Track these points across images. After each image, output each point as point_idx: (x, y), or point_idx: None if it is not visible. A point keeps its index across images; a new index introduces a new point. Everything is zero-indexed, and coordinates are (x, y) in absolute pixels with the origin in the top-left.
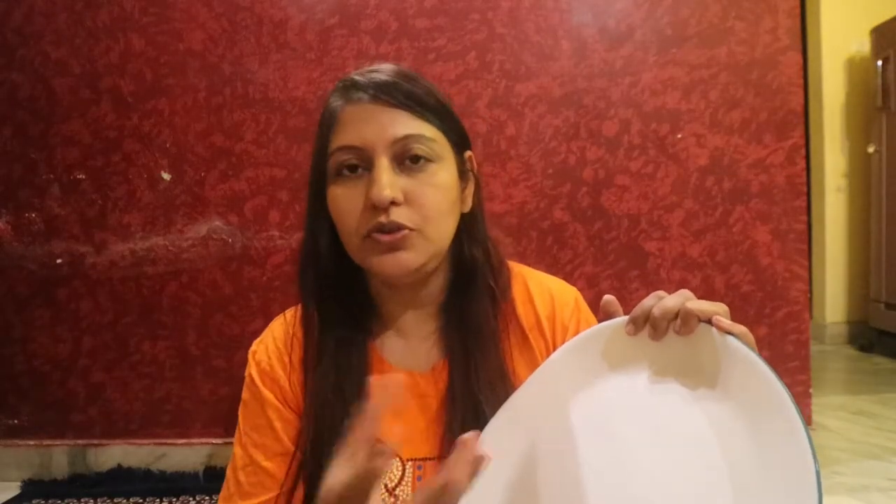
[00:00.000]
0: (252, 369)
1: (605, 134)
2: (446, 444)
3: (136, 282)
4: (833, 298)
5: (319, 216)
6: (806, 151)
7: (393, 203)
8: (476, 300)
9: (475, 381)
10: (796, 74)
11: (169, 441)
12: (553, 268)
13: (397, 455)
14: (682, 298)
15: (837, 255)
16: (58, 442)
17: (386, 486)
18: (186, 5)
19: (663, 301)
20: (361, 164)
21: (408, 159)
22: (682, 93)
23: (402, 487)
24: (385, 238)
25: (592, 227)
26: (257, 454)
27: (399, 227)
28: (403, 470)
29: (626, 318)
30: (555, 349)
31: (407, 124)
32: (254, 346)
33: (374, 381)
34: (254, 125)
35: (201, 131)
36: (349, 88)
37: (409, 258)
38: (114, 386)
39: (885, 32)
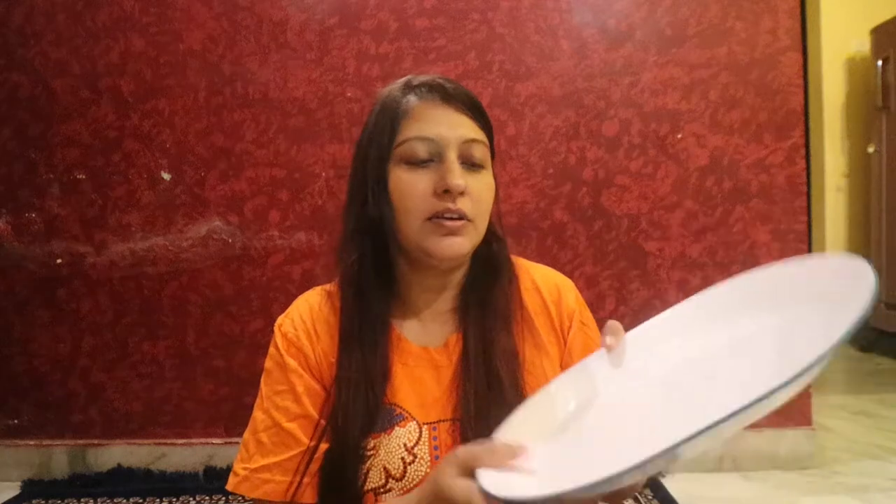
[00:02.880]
0: (278, 339)
1: (605, 134)
2: (460, 408)
3: (136, 282)
4: None
5: (368, 199)
6: (806, 151)
7: (461, 193)
8: (495, 284)
9: (490, 351)
10: (796, 74)
11: (169, 441)
12: (553, 268)
13: (414, 418)
14: None
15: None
16: (58, 442)
17: (405, 445)
18: (186, 5)
19: None
20: (433, 155)
21: (469, 160)
22: (682, 93)
23: (419, 447)
24: (449, 224)
25: (592, 227)
26: (279, 416)
27: (461, 216)
28: (420, 432)
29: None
30: (562, 331)
31: (473, 129)
32: (279, 320)
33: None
34: (254, 125)
35: (201, 131)
36: (418, 87)
37: (464, 244)
38: (114, 386)
39: (885, 32)
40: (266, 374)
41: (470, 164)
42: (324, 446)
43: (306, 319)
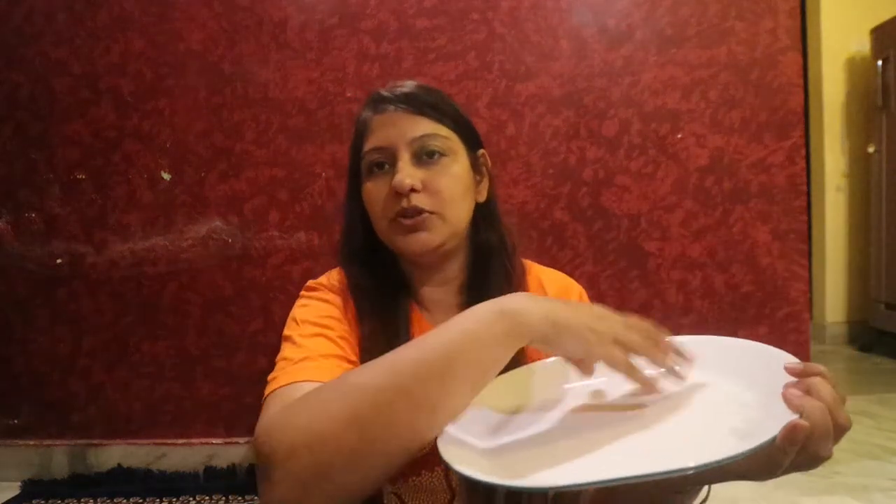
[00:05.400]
0: (315, 284)
1: (605, 134)
2: None
3: (136, 282)
4: (833, 298)
5: (355, 211)
6: (806, 151)
7: (413, 190)
8: (492, 279)
9: None
10: (796, 74)
11: (169, 441)
12: (553, 268)
13: None
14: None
15: (837, 255)
16: (58, 442)
17: None
18: (186, 5)
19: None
20: (388, 161)
21: (425, 154)
22: (682, 93)
23: None
24: (408, 221)
25: (592, 227)
26: (325, 331)
27: (419, 211)
28: None
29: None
30: None
31: (424, 126)
32: (312, 282)
33: None
34: (254, 125)
35: (201, 131)
36: (377, 101)
37: (429, 238)
38: (114, 386)
39: (885, 32)
40: (303, 308)
41: (427, 159)
42: None
43: (337, 284)
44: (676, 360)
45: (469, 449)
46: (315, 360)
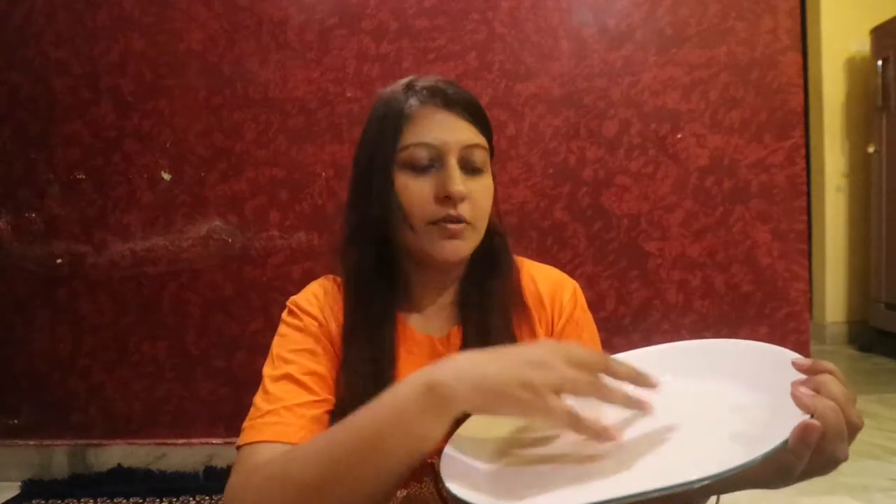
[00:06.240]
0: (295, 310)
1: (605, 134)
2: None
3: (136, 282)
4: (833, 298)
5: (371, 201)
6: (806, 151)
7: (462, 199)
8: (493, 278)
9: (489, 344)
10: (796, 74)
11: (169, 441)
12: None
13: None
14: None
15: (837, 255)
16: (58, 442)
17: None
18: (186, 5)
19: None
20: (434, 162)
21: (469, 165)
22: (682, 93)
23: None
24: (451, 227)
25: (592, 227)
26: (292, 369)
27: (461, 220)
28: None
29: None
30: (551, 324)
31: (473, 134)
32: (294, 298)
33: None
34: (254, 125)
35: (201, 131)
36: (418, 92)
37: (464, 247)
38: (114, 386)
39: (885, 32)
40: (279, 338)
41: (470, 169)
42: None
43: (321, 299)
44: (636, 389)
45: (469, 469)
46: (278, 415)
